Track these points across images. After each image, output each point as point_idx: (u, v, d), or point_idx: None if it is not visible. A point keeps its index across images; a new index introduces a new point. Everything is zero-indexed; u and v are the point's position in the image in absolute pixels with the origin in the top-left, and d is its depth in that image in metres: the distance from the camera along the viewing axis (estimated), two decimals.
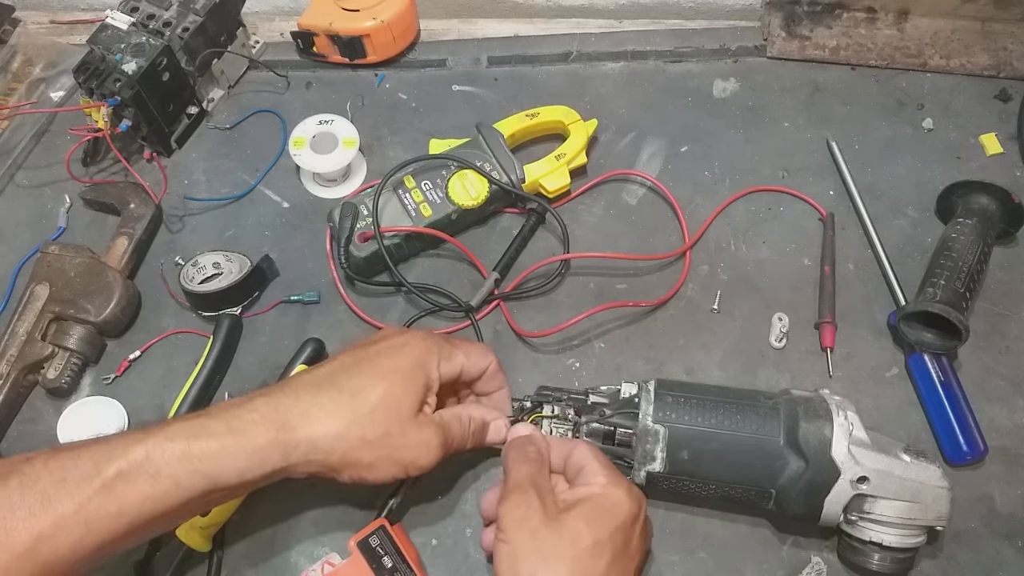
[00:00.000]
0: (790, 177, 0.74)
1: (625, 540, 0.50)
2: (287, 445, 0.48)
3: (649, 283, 0.69)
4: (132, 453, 0.45)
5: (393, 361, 0.53)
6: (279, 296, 0.69)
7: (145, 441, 0.45)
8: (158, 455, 0.45)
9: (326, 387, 0.51)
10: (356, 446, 0.50)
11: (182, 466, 0.45)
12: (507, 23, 0.87)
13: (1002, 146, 0.75)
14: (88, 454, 0.45)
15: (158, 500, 0.45)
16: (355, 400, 0.50)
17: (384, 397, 0.50)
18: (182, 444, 0.46)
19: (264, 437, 0.48)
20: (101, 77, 0.69)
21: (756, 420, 0.54)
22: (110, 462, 0.44)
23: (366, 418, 0.50)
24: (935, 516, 0.53)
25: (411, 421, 0.51)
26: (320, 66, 0.82)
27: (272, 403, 0.49)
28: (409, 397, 0.51)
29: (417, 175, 0.70)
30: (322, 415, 0.49)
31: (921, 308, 0.61)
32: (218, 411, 0.49)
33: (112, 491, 0.44)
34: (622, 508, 0.50)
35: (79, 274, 0.67)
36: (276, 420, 0.48)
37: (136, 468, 0.45)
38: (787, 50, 0.81)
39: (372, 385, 0.51)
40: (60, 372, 0.64)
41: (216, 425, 0.47)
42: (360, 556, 0.53)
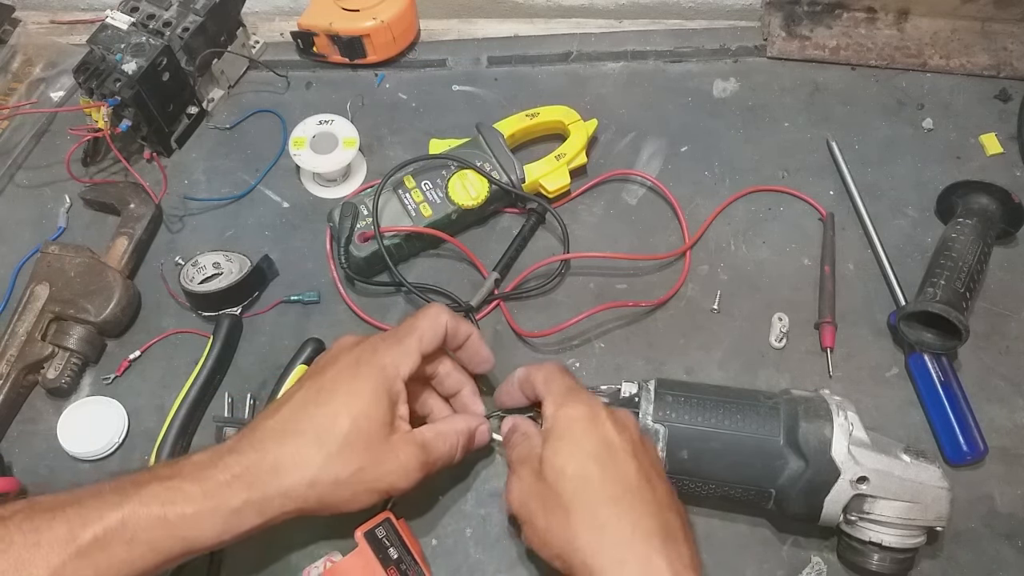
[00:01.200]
0: (790, 177, 0.74)
1: (606, 446, 0.49)
2: (261, 504, 0.48)
3: (649, 283, 0.69)
4: (107, 519, 0.45)
5: (350, 385, 0.51)
6: (279, 296, 0.69)
7: (121, 507, 0.45)
8: (133, 521, 0.45)
9: (290, 432, 0.50)
10: (331, 489, 0.49)
11: (158, 531, 0.46)
12: (507, 23, 0.87)
13: (1002, 146, 0.75)
14: (63, 517, 0.45)
15: (135, 563, 0.45)
16: (321, 442, 0.49)
17: (350, 431, 0.49)
18: (157, 509, 0.46)
19: (238, 499, 0.47)
20: (101, 77, 0.69)
21: (756, 420, 0.54)
22: (85, 527, 0.44)
23: (336, 459, 0.49)
24: (935, 516, 0.53)
25: (384, 447, 0.50)
26: (320, 66, 0.82)
27: (242, 461, 0.48)
28: (377, 419, 0.50)
29: (417, 175, 0.70)
30: (291, 466, 0.48)
31: (921, 308, 0.61)
32: (191, 470, 0.48)
33: (87, 557, 0.44)
34: (577, 423, 0.50)
35: (79, 274, 0.67)
36: (247, 480, 0.48)
37: (112, 534, 0.45)
38: (787, 50, 0.81)
39: (335, 420, 0.49)
40: (60, 372, 0.64)
41: (191, 488, 0.47)
42: (367, 546, 0.53)
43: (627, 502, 0.47)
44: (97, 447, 0.62)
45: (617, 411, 0.52)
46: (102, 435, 0.62)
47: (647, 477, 0.49)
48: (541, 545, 0.50)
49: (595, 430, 0.50)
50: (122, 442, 0.63)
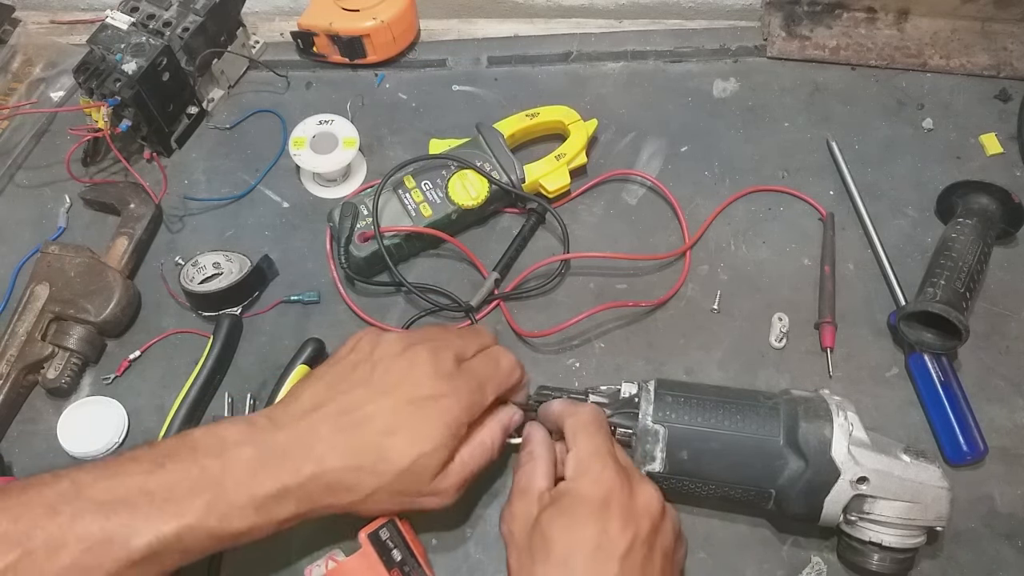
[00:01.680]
0: (790, 177, 0.74)
1: (599, 544, 0.47)
2: (308, 513, 0.50)
3: (649, 283, 0.69)
4: (163, 530, 0.45)
5: (421, 424, 0.50)
6: (279, 296, 0.69)
7: (178, 518, 0.46)
8: (189, 536, 0.46)
9: (351, 451, 0.50)
10: (372, 507, 0.51)
11: (211, 544, 0.47)
12: (507, 23, 0.87)
13: (1002, 146, 0.75)
14: (117, 522, 0.45)
15: (186, 562, 0.47)
16: (377, 475, 0.50)
17: (407, 471, 0.50)
18: (214, 525, 0.46)
19: (289, 512, 0.49)
20: (101, 77, 0.69)
21: (756, 420, 0.54)
22: (139, 536, 0.45)
23: (385, 490, 0.50)
24: (935, 516, 0.53)
25: (437, 477, 0.51)
26: (320, 66, 0.82)
27: (297, 475, 0.49)
28: (433, 468, 0.51)
29: (417, 175, 0.70)
30: (344, 490, 0.50)
31: (921, 308, 0.61)
32: (246, 481, 0.48)
33: (140, 567, 0.45)
34: (584, 506, 0.48)
35: (79, 274, 0.67)
36: (298, 496, 0.49)
37: (168, 545, 0.45)
38: (787, 50, 0.81)
39: (397, 457, 0.50)
40: (60, 372, 0.64)
41: (246, 506, 0.47)
42: (370, 547, 0.53)
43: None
44: (97, 447, 0.62)
45: (640, 495, 0.49)
46: (102, 435, 0.62)
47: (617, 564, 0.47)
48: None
49: (597, 521, 0.48)
50: (122, 442, 0.63)
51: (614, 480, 0.49)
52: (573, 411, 0.54)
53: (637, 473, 0.52)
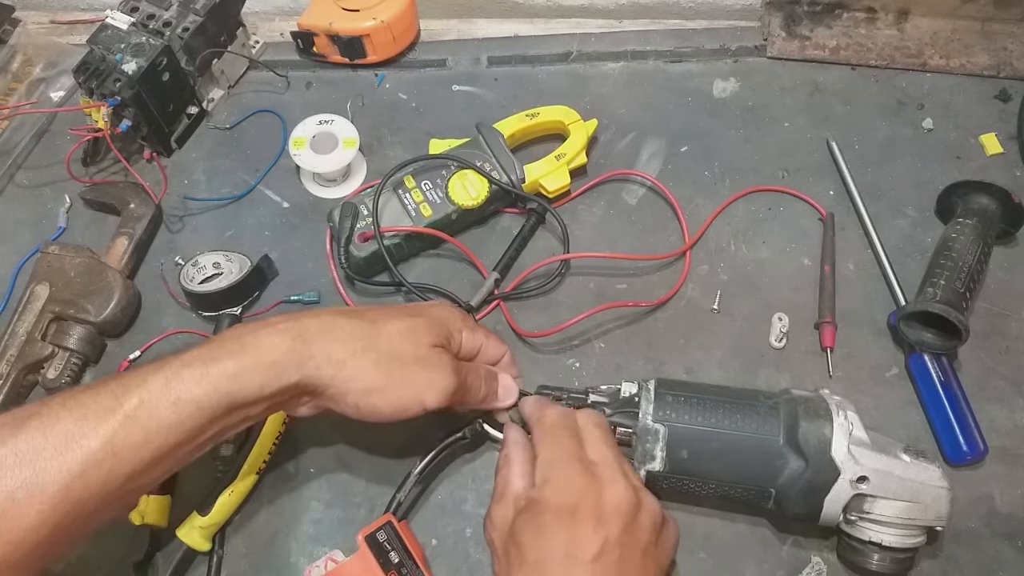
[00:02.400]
0: (790, 177, 0.74)
1: (565, 556, 0.47)
2: (302, 355, 0.48)
3: (649, 283, 0.69)
4: (151, 382, 0.45)
5: (420, 309, 0.55)
6: (279, 296, 0.69)
7: (163, 370, 0.46)
8: (177, 381, 0.45)
9: (348, 314, 0.52)
10: (368, 366, 0.50)
11: (202, 387, 0.45)
12: (507, 23, 0.87)
13: (1002, 146, 0.75)
14: (106, 389, 0.45)
15: (183, 424, 0.45)
16: (375, 326, 0.51)
17: (404, 329, 0.52)
18: (199, 368, 0.46)
19: (280, 348, 0.48)
20: (101, 77, 0.69)
21: (756, 419, 0.54)
22: (129, 393, 0.44)
23: (382, 341, 0.50)
24: (935, 516, 0.53)
25: (427, 350, 0.52)
26: (320, 66, 0.82)
27: (292, 318, 0.50)
28: (429, 337, 0.52)
29: (417, 175, 0.70)
30: (339, 333, 0.50)
31: (921, 308, 0.61)
32: (236, 330, 0.49)
33: (135, 421, 0.44)
34: (551, 509, 0.49)
35: (79, 274, 0.67)
36: (292, 332, 0.49)
37: (157, 396, 0.45)
38: (787, 50, 0.81)
39: (395, 318, 0.52)
40: (60, 372, 0.64)
41: (232, 345, 0.48)
42: (367, 550, 0.53)
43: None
44: None
45: (609, 495, 0.49)
46: None
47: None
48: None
49: (565, 529, 0.48)
50: None
51: (579, 485, 0.49)
52: (539, 415, 0.55)
53: (609, 470, 0.51)
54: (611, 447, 0.53)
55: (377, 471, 0.61)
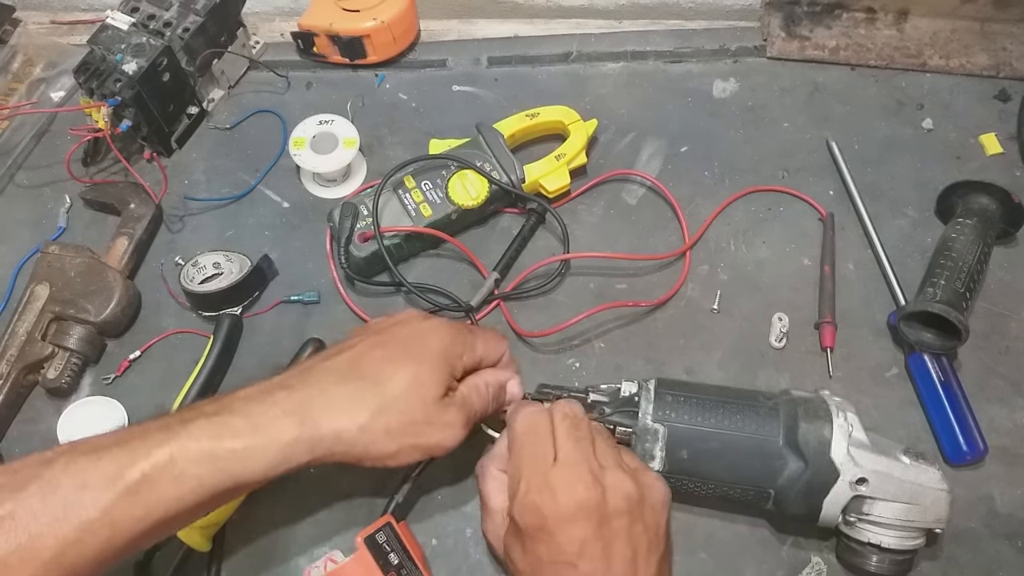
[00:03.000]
0: (790, 177, 0.74)
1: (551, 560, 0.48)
2: (312, 440, 0.48)
3: (649, 283, 0.69)
4: (155, 456, 0.44)
5: (419, 349, 0.52)
6: (279, 296, 0.69)
7: (168, 443, 0.45)
8: (182, 457, 0.45)
9: (350, 377, 0.51)
10: (381, 437, 0.49)
11: (207, 467, 0.45)
12: (507, 23, 0.87)
13: (1002, 146, 0.75)
14: (109, 457, 0.44)
15: (184, 499, 0.45)
16: (379, 389, 0.50)
17: (410, 386, 0.50)
18: (206, 444, 0.45)
19: (289, 434, 0.47)
20: (101, 77, 0.69)
21: (756, 420, 0.54)
22: (133, 465, 0.44)
23: (391, 407, 0.50)
24: (934, 518, 0.53)
25: (436, 407, 0.51)
26: (320, 66, 0.82)
27: (295, 396, 0.49)
28: (435, 386, 0.51)
29: (417, 175, 0.70)
30: (347, 407, 0.49)
31: (921, 308, 0.61)
32: (240, 405, 0.48)
33: (137, 495, 0.43)
34: (523, 527, 0.49)
35: (79, 274, 0.67)
36: (299, 415, 0.48)
37: (160, 471, 0.44)
38: (787, 50, 0.81)
39: (397, 373, 0.50)
40: (60, 372, 0.64)
41: (239, 423, 0.47)
42: (366, 551, 0.53)
43: None
44: None
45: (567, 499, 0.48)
46: None
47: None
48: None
49: (541, 543, 0.48)
50: None
51: (538, 502, 0.49)
52: (510, 423, 0.55)
53: (566, 471, 0.49)
54: (576, 440, 0.51)
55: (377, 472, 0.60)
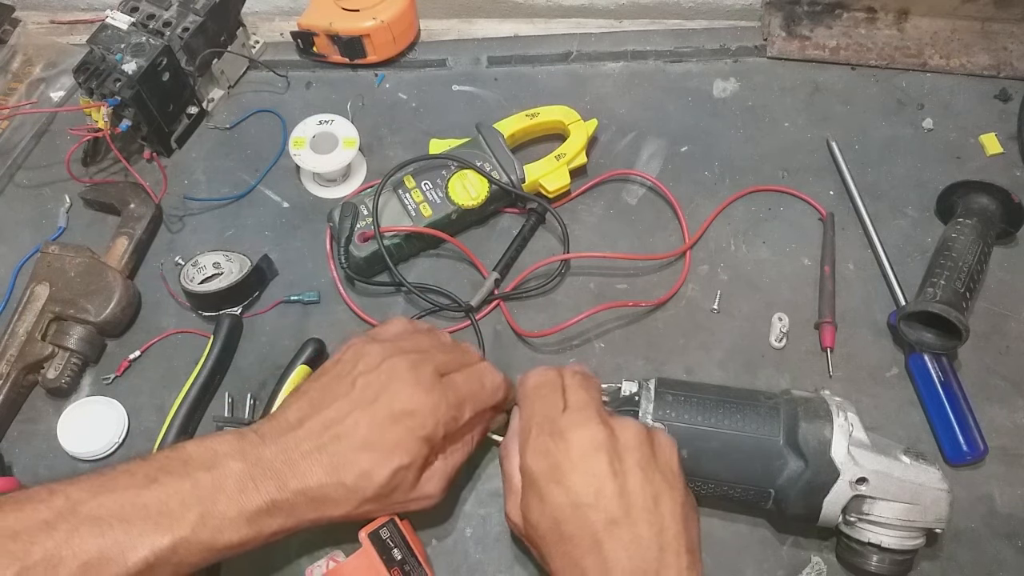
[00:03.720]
0: (790, 177, 0.74)
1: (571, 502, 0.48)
2: (296, 526, 0.50)
3: (649, 283, 0.69)
4: (158, 543, 0.46)
5: (398, 437, 0.51)
6: (279, 296, 0.69)
7: (172, 532, 0.46)
8: (184, 549, 0.46)
9: (335, 467, 0.50)
10: (361, 515, 0.52)
11: (204, 557, 0.47)
12: (507, 23, 0.87)
13: (1002, 146, 0.75)
14: (112, 537, 0.45)
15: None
16: (359, 490, 0.50)
17: (388, 482, 0.51)
18: (207, 537, 0.47)
19: (276, 525, 0.49)
20: (101, 77, 0.69)
21: (756, 420, 0.54)
22: (135, 551, 0.45)
23: (369, 502, 0.51)
24: (934, 519, 0.53)
25: (415, 486, 0.52)
26: (320, 66, 0.82)
27: (284, 492, 0.49)
28: (413, 475, 0.52)
29: (417, 175, 0.70)
30: (330, 502, 0.50)
31: (921, 308, 0.61)
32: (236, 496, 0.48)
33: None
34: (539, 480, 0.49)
35: (79, 274, 0.67)
36: (286, 510, 0.49)
37: (162, 559, 0.46)
38: (787, 50, 0.81)
39: (376, 471, 0.50)
40: (60, 372, 0.64)
41: (237, 519, 0.48)
42: (371, 546, 0.53)
43: (592, 559, 0.47)
44: (97, 447, 0.62)
45: (576, 441, 0.49)
46: (102, 435, 0.62)
47: (613, 520, 0.47)
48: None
49: (558, 484, 0.48)
50: (122, 442, 0.63)
51: (547, 448, 0.49)
52: (521, 382, 0.55)
53: (577, 414, 0.50)
54: (586, 389, 0.53)
55: None
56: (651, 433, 0.51)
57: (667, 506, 0.48)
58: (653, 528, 0.47)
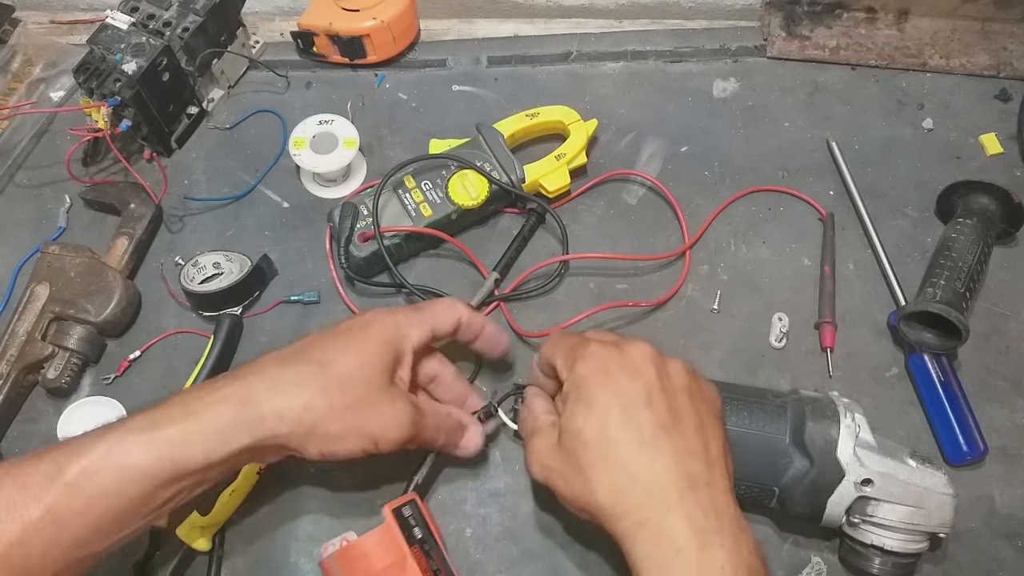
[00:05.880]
0: (790, 177, 0.74)
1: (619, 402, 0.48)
2: (252, 421, 0.48)
3: (649, 283, 0.69)
4: (94, 450, 0.45)
5: (363, 333, 0.52)
6: (279, 296, 0.69)
7: (106, 436, 0.45)
8: (120, 449, 0.45)
9: (292, 361, 0.50)
10: (324, 416, 0.49)
11: (145, 455, 0.45)
12: (507, 23, 0.87)
13: (1002, 146, 0.75)
14: (50, 457, 0.45)
15: (125, 491, 0.45)
16: (323, 370, 0.50)
17: (354, 366, 0.50)
18: (143, 435, 0.46)
19: (225, 416, 0.47)
20: (101, 77, 0.69)
21: (763, 418, 0.54)
22: (71, 461, 0.44)
23: (334, 387, 0.49)
24: (938, 523, 0.53)
25: (381, 391, 0.51)
26: (320, 66, 0.82)
27: (237, 381, 0.49)
28: (379, 366, 0.51)
29: (417, 175, 0.70)
30: (288, 387, 0.49)
31: (921, 308, 0.61)
32: (181, 396, 0.48)
33: (77, 488, 0.44)
34: (588, 382, 0.49)
35: (79, 274, 0.67)
36: (240, 396, 0.48)
37: (99, 463, 0.44)
38: (787, 50, 0.81)
39: (341, 354, 0.51)
40: (60, 372, 0.64)
41: (176, 411, 0.47)
42: (393, 522, 0.53)
43: (641, 462, 0.47)
44: None
45: (631, 351, 0.50)
46: None
47: (662, 425, 0.47)
48: (571, 506, 0.50)
49: (607, 386, 0.49)
50: None
51: (599, 353, 0.50)
52: (546, 342, 0.56)
53: (622, 339, 0.52)
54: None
55: (377, 471, 0.61)
56: (698, 376, 0.52)
57: (712, 433, 0.49)
58: (700, 442, 0.48)
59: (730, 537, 0.45)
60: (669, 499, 0.45)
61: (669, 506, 0.45)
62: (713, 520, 0.45)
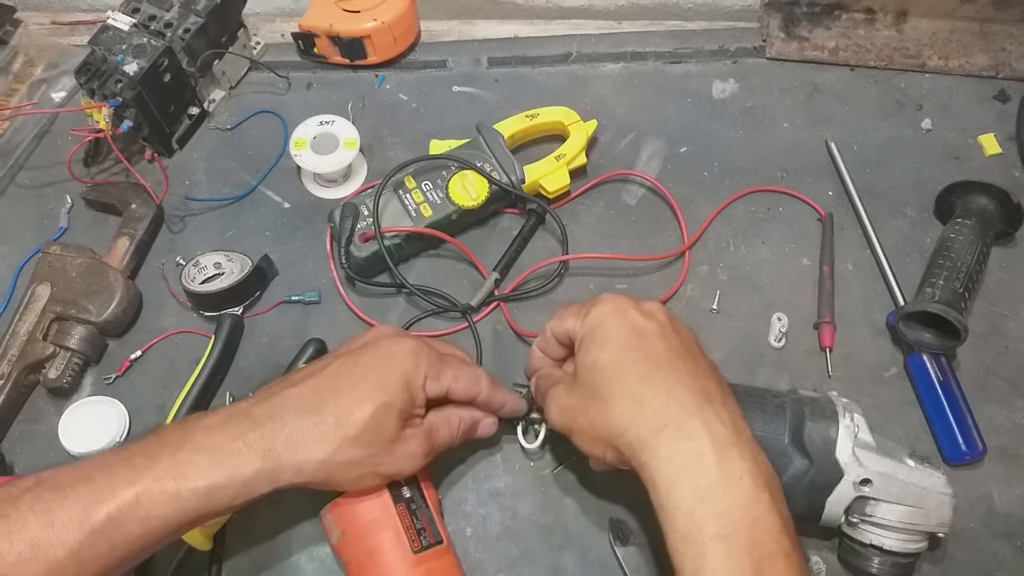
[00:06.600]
0: (789, 177, 0.75)
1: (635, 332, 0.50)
2: (273, 471, 0.49)
3: (649, 283, 0.70)
4: (120, 497, 0.45)
5: (379, 376, 0.52)
6: (280, 296, 0.69)
7: (133, 483, 0.46)
8: (147, 499, 0.46)
9: (311, 409, 0.51)
10: (340, 468, 0.51)
11: (171, 507, 0.46)
12: (507, 24, 0.87)
13: (1001, 146, 0.75)
14: (75, 496, 0.45)
15: (148, 537, 0.46)
16: (340, 426, 0.50)
17: (370, 420, 0.50)
18: (170, 485, 0.46)
19: (251, 468, 0.48)
20: (102, 78, 0.69)
21: (762, 417, 0.54)
22: (98, 505, 0.45)
23: (351, 442, 0.50)
24: (937, 523, 0.53)
25: (396, 436, 0.52)
26: (321, 67, 0.82)
27: (257, 430, 0.49)
28: (395, 415, 0.52)
29: (417, 175, 0.70)
30: (307, 442, 0.50)
31: (920, 308, 0.61)
32: (203, 438, 0.48)
33: (103, 535, 0.45)
34: (605, 319, 0.51)
35: (80, 274, 0.67)
36: (261, 449, 0.49)
37: (125, 512, 0.45)
38: (786, 51, 0.82)
39: (357, 406, 0.51)
40: (61, 372, 0.64)
41: (203, 460, 0.47)
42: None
43: (660, 376, 0.48)
44: (98, 447, 0.62)
45: (644, 302, 0.52)
46: (103, 435, 0.62)
47: (678, 354, 0.49)
48: (591, 444, 0.50)
49: (622, 322, 0.51)
50: (123, 442, 0.63)
51: (612, 299, 0.52)
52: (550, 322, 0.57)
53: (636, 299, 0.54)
54: None
55: None
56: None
57: (724, 381, 0.50)
58: (713, 373, 0.50)
59: (749, 451, 0.45)
60: (688, 407, 0.46)
61: (689, 412, 0.46)
62: (732, 433, 0.46)
